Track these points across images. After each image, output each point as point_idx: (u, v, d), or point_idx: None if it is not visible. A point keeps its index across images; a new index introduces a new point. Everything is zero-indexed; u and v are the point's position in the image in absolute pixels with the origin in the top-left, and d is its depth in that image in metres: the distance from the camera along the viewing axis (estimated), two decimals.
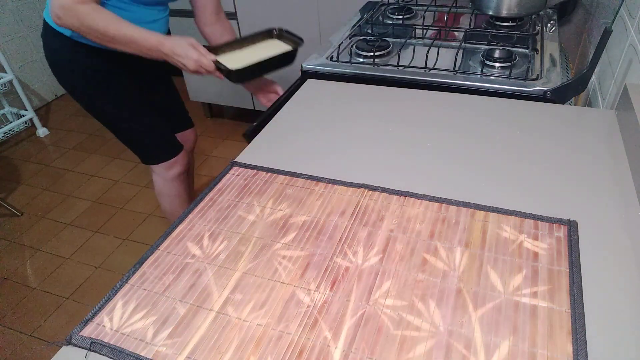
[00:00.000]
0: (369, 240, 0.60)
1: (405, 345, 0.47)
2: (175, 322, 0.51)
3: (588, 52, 1.30)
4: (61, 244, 1.82)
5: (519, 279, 0.53)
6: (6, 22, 2.53)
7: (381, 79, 1.00)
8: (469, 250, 0.57)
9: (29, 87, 2.71)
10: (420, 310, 0.51)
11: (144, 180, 2.12)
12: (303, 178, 0.72)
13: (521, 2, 1.12)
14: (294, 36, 1.07)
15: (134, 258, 1.73)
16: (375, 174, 0.72)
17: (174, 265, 0.58)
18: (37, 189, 2.13)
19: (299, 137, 0.82)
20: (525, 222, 0.61)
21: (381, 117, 0.86)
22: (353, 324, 0.50)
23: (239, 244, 0.61)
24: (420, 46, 1.12)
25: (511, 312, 0.50)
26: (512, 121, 0.82)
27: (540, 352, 0.46)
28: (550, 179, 0.68)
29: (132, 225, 1.89)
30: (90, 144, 2.43)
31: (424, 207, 0.65)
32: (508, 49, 1.02)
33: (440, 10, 1.33)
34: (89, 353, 0.49)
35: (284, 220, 0.64)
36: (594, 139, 0.77)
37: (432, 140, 0.79)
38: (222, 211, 0.67)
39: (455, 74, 0.97)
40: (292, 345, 0.48)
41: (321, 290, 0.54)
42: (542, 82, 0.91)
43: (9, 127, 2.42)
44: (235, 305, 0.53)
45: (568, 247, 0.57)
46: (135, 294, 0.55)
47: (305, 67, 1.06)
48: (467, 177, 0.70)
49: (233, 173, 0.74)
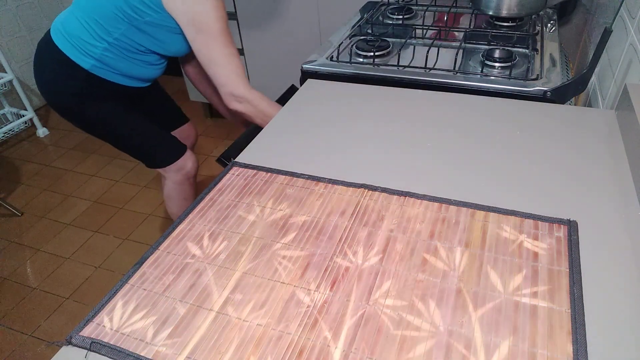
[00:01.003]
0: (369, 240, 0.60)
1: (405, 345, 0.47)
2: (175, 322, 0.51)
3: (588, 52, 1.30)
4: (61, 244, 1.82)
5: (519, 279, 0.53)
6: (6, 22, 2.53)
7: (381, 79, 1.00)
8: (469, 250, 0.57)
9: (29, 87, 2.71)
10: (420, 310, 0.51)
11: (144, 180, 2.12)
12: (303, 178, 0.72)
13: (521, 2, 1.12)
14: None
15: (134, 258, 1.73)
16: (375, 174, 0.72)
17: (174, 265, 0.58)
18: (37, 189, 2.13)
19: (299, 137, 0.82)
20: (525, 222, 0.61)
21: (381, 117, 0.86)
22: (353, 324, 0.50)
23: (239, 244, 0.61)
24: (420, 46, 1.12)
25: (511, 312, 0.50)
26: (512, 121, 0.82)
27: (540, 352, 0.46)
28: (550, 179, 0.68)
29: (132, 225, 1.89)
30: (90, 144, 2.43)
31: (424, 207, 0.65)
32: (508, 49, 1.02)
33: (440, 10, 1.33)
34: (89, 353, 0.49)
35: (284, 220, 0.64)
36: (594, 139, 0.77)
37: (432, 140, 0.79)
38: (222, 211, 0.67)
39: (455, 74, 0.97)
40: (292, 345, 0.48)
41: (321, 290, 0.54)
42: (542, 82, 0.91)
43: (9, 127, 2.42)
44: (235, 305, 0.53)
45: (568, 247, 0.57)
46: (135, 294, 0.55)
47: (305, 67, 1.06)
48: (467, 177, 0.70)
49: (233, 173, 0.74)
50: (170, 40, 1.11)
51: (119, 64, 1.12)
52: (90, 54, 1.09)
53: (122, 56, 1.11)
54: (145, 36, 1.09)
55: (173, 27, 1.08)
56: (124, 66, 1.13)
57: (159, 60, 1.19)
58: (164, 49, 1.14)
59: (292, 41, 2.02)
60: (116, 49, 1.10)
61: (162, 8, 1.04)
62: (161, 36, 1.10)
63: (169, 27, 1.08)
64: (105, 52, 1.09)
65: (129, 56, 1.12)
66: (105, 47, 1.09)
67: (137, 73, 1.17)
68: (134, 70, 1.15)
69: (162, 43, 1.12)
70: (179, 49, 1.15)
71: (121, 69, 1.13)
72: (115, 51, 1.10)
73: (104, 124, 1.19)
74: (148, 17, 1.05)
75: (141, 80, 1.20)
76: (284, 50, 2.05)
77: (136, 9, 1.04)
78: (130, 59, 1.13)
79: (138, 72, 1.17)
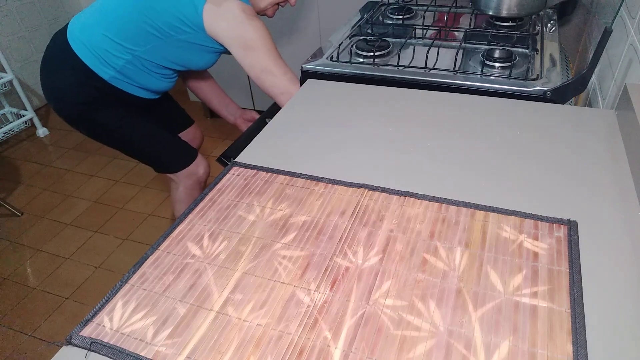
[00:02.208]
0: (369, 240, 0.60)
1: (405, 345, 0.47)
2: (175, 322, 0.51)
3: (588, 52, 1.30)
4: (61, 244, 1.82)
5: (519, 279, 0.53)
6: (6, 22, 2.53)
7: (381, 79, 1.00)
8: (469, 250, 0.57)
9: (29, 87, 2.71)
10: (420, 310, 0.51)
11: (144, 180, 2.12)
12: (303, 178, 0.72)
13: (521, 2, 1.12)
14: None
15: (134, 258, 1.73)
16: (375, 174, 0.72)
17: (174, 265, 0.58)
18: (37, 189, 2.13)
19: (299, 137, 0.82)
20: (525, 222, 0.61)
21: (381, 117, 0.86)
22: (353, 324, 0.50)
23: (239, 244, 0.61)
24: (420, 46, 1.12)
25: (511, 312, 0.50)
26: (512, 121, 0.82)
27: (540, 352, 0.46)
28: (550, 179, 0.68)
29: (132, 225, 1.89)
30: (90, 144, 2.43)
31: (424, 207, 0.65)
32: (508, 49, 1.02)
33: (440, 10, 1.33)
34: (89, 353, 0.49)
35: (284, 220, 0.64)
36: (594, 139, 0.77)
37: (432, 140, 0.79)
38: (222, 211, 0.67)
39: (455, 74, 0.97)
40: (292, 345, 0.48)
41: (321, 290, 0.54)
42: (542, 82, 0.91)
43: (9, 127, 2.42)
44: (235, 305, 0.53)
45: (568, 247, 0.57)
46: (135, 294, 0.55)
47: (305, 67, 1.06)
48: (467, 177, 0.70)
49: (233, 173, 0.74)
50: (199, 57, 1.11)
51: (138, 77, 1.12)
52: (112, 65, 1.08)
53: (144, 69, 1.11)
54: (176, 51, 1.08)
55: (209, 47, 1.08)
56: (144, 79, 1.13)
57: (174, 75, 1.19)
58: (188, 64, 1.13)
59: (292, 41, 2.02)
60: (139, 63, 1.09)
61: (202, 29, 1.03)
62: (192, 53, 1.09)
63: (204, 46, 1.07)
64: (127, 64, 1.09)
65: (150, 69, 1.11)
66: (128, 60, 1.08)
67: (154, 86, 1.17)
68: (151, 83, 1.15)
69: (191, 59, 1.11)
70: (205, 63, 1.14)
71: (140, 81, 1.13)
72: (137, 64, 1.09)
73: (113, 131, 1.18)
74: (184, 35, 1.05)
75: (155, 92, 1.20)
76: (284, 50, 2.05)
77: (173, 27, 1.03)
78: (151, 73, 1.12)
79: (154, 85, 1.16)
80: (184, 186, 1.32)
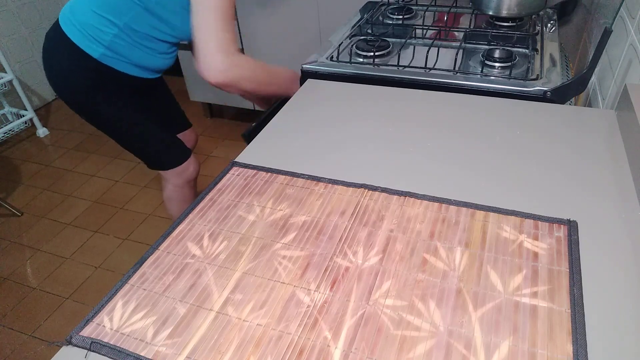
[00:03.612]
0: (369, 240, 0.60)
1: (405, 345, 0.47)
2: (175, 322, 0.51)
3: (588, 52, 1.30)
4: (61, 244, 1.82)
5: (519, 279, 0.53)
6: (6, 22, 2.53)
7: (381, 79, 1.00)
8: (469, 250, 0.57)
9: (29, 87, 2.71)
10: (420, 310, 0.51)
11: (144, 180, 2.12)
12: (303, 178, 0.72)
13: (521, 2, 1.12)
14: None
15: (134, 258, 1.73)
16: (375, 174, 0.72)
17: (174, 265, 0.58)
18: (37, 189, 2.13)
19: (299, 137, 0.82)
20: (525, 222, 0.61)
21: (381, 117, 0.87)
22: (353, 324, 0.50)
23: (239, 244, 0.61)
24: (420, 46, 1.12)
25: (511, 312, 0.50)
26: (512, 121, 0.82)
27: (540, 352, 0.46)
28: (550, 179, 0.68)
29: (132, 225, 1.89)
30: (90, 144, 2.43)
31: (424, 207, 0.65)
32: (508, 49, 1.02)
33: (440, 10, 1.33)
34: (89, 353, 0.49)
35: (284, 220, 0.64)
36: (594, 139, 0.77)
37: (432, 140, 0.79)
38: (222, 211, 0.67)
39: (455, 74, 0.97)
40: (292, 345, 0.48)
41: (321, 290, 0.54)
42: (542, 82, 0.91)
43: (9, 127, 2.42)
44: (235, 305, 0.53)
45: (568, 247, 0.57)
46: (135, 294, 0.55)
47: (305, 67, 1.06)
48: (467, 177, 0.70)
49: (233, 173, 0.74)
50: (182, 19, 1.09)
51: (129, 52, 1.11)
52: (100, 41, 1.08)
53: (133, 43, 1.10)
54: (156, 19, 1.08)
55: (185, 3, 1.05)
56: (135, 54, 1.12)
57: (170, 49, 1.17)
58: (174, 32, 1.12)
59: (292, 41, 2.02)
60: (127, 36, 1.08)
61: None
62: (172, 17, 1.08)
63: (179, 2, 1.06)
64: (115, 38, 1.08)
65: (139, 43, 1.10)
66: (115, 34, 1.08)
67: (148, 63, 1.15)
68: (144, 59, 1.14)
69: (174, 24, 1.10)
70: (188, 29, 1.11)
71: (132, 57, 1.12)
72: (125, 37, 1.09)
73: (113, 120, 1.18)
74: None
75: (152, 70, 1.19)
76: (284, 50, 2.05)
77: None
78: (141, 47, 1.11)
79: (149, 62, 1.15)
80: (173, 184, 1.32)
